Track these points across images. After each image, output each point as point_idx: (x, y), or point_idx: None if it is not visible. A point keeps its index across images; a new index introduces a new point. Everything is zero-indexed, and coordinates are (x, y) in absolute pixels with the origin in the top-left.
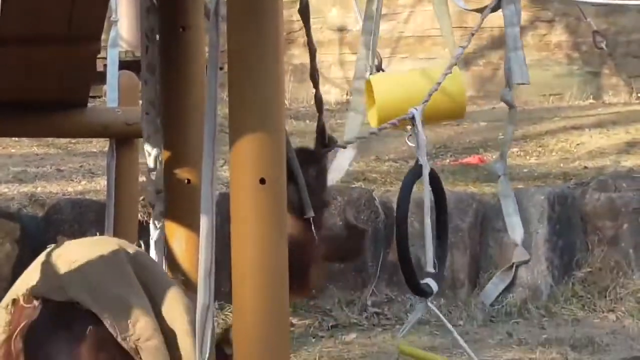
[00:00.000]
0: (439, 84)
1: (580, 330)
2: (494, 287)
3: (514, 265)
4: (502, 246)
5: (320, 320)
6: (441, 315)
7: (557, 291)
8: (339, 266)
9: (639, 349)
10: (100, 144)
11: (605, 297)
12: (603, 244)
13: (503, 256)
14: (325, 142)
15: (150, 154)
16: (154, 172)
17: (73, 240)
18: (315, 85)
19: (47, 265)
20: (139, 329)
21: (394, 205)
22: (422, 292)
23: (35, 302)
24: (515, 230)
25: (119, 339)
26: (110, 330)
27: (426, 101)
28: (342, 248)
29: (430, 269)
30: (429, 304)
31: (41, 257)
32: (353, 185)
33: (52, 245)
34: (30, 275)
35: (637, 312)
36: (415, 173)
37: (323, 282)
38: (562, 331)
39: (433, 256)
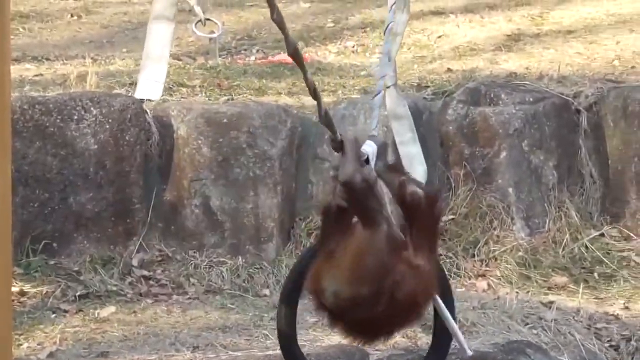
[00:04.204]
0: None
1: None
2: None
3: None
4: (328, 181)
5: (64, 287)
6: None
7: None
8: (92, 208)
9: (520, 331)
10: None
11: (474, 256)
12: (471, 180)
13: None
14: None
15: None
16: None
17: None
18: None
19: None
20: None
21: (174, 122)
22: None
23: None
24: (415, 165)
25: None
26: None
27: None
28: None
29: None
30: None
31: None
32: (116, 91)
33: None
34: None
35: (517, 278)
36: None
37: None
38: None
39: None
